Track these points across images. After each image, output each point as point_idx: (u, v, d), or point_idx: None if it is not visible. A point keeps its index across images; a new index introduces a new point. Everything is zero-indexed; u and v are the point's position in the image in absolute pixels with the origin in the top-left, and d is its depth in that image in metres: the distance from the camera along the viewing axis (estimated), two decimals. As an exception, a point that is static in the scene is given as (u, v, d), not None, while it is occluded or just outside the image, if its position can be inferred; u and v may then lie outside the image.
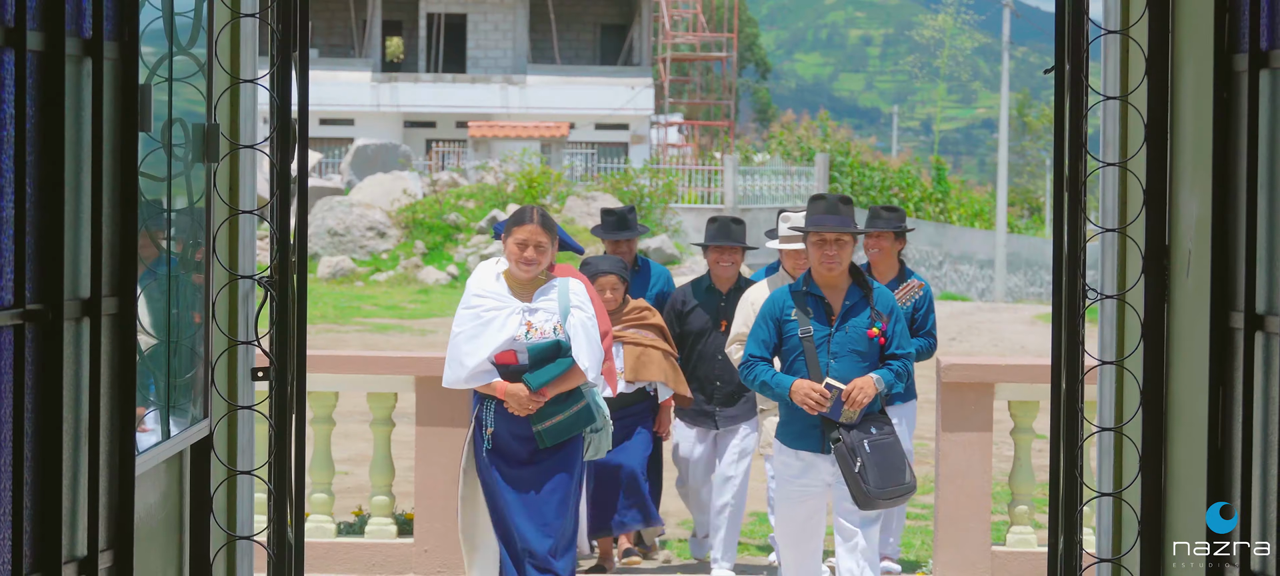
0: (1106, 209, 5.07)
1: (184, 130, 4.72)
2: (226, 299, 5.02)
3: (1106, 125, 5.06)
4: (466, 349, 6.55)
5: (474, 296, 6.62)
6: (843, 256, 6.51)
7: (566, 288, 6.65)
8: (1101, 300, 5.02)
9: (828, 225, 6.47)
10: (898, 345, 6.59)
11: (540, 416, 6.56)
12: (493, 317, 6.55)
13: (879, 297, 6.60)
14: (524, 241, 6.57)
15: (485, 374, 6.55)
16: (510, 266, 6.65)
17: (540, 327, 6.56)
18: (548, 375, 6.48)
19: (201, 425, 4.73)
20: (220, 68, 4.84)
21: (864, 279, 6.62)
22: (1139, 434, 4.80)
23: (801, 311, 6.51)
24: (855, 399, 6.38)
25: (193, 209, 4.81)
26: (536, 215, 6.66)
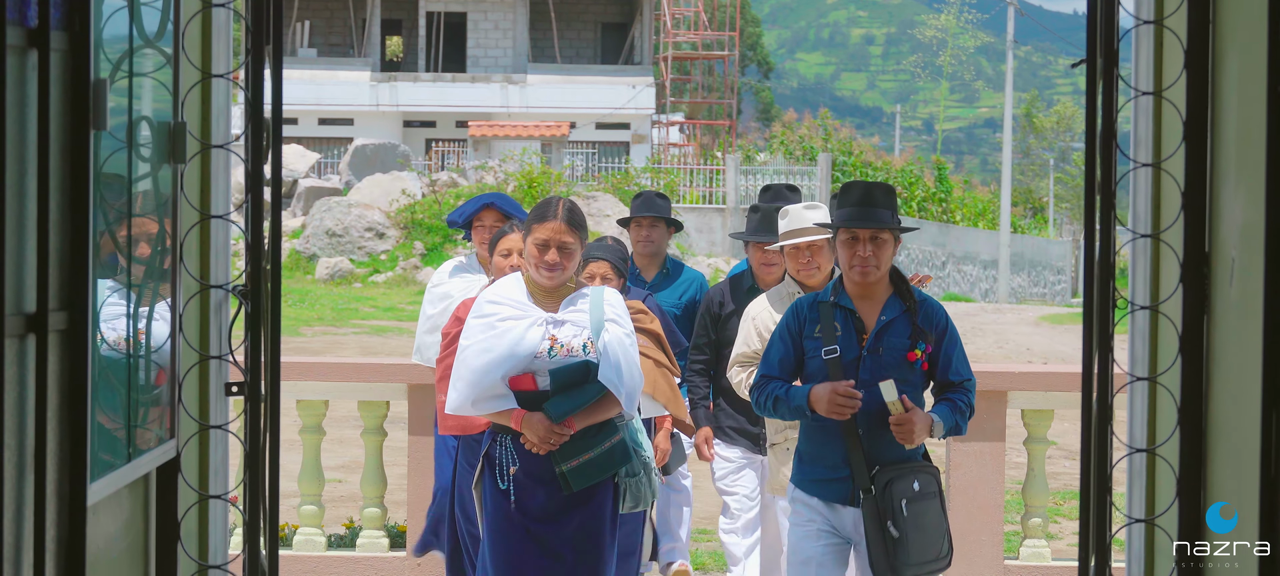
0: (1138, 213, 4.73)
1: (150, 129, 4.39)
2: (197, 310, 4.68)
3: (1138, 123, 4.72)
4: (476, 366, 5.37)
5: (487, 303, 5.49)
6: (882, 259, 5.24)
7: (600, 298, 5.51)
8: (1133, 311, 4.69)
9: (866, 220, 5.22)
10: (955, 370, 5.31)
11: (564, 454, 5.35)
12: (509, 329, 5.37)
13: (927, 312, 5.33)
14: (545, 242, 5.42)
15: (498, 398, 5.36)
16: (531, 272, 5.51)
17: (567, 344, 5.41)
18: (574, 403, 5.33)
19: (168, 446, 4.40)
20: (189, 62, 4.51)
21: (907, 287, 5.36)
22: (1175, 455, 4.46)
23: (827, 327, 5.26)
24: (906, 430, 5.11)
25: (160, 213, 4.47)
26: (562, 209, 5.47)
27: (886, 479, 5.13)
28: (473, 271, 7.37)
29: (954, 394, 5.30)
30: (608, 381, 5.35)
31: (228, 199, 4.80)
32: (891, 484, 5.11)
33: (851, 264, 5.28)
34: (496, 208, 7.30)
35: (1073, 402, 7.85)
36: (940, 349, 5.29)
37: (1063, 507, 10.97)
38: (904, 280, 5.40)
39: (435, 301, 7.33)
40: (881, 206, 5.26)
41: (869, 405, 5.15)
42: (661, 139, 46.99)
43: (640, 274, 8.03)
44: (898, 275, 5.40)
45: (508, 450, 5.45)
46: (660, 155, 42.75)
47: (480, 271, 7.27)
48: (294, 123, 44.94)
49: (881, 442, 5.18)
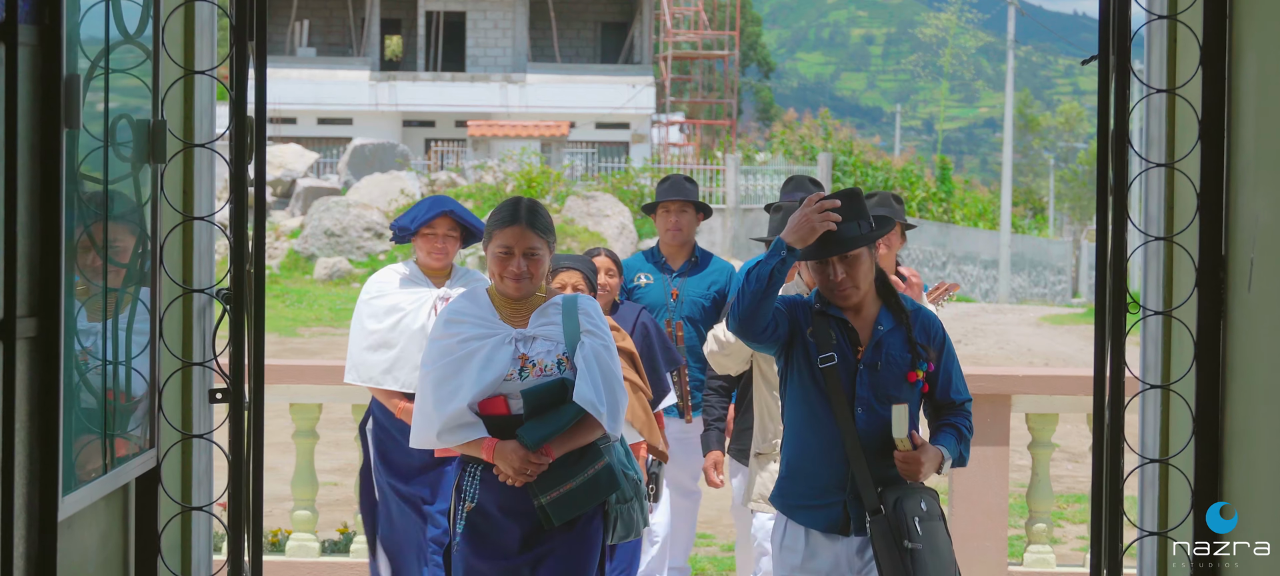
0: (1150, 215, 4.58)
1: (131, 128, 4.24)
2: (179, 315, 4.53)
3: (1150, 122, 4.57)
4: (439, 393, 4.78)
5: (447, 321, 4.90)
6: (859, 276, 4.65)
7: (574, 307, 4.94)
8: (1145, 316, 4.53)
9: (827, 248, 4.62)
10: (955, 389, 4.76)
11: (543, 485, 4.77)
12: (474, 350, 4.80)
13: (922, 323, 4.77)
14: (508, 248, 4.83)
15: (465, 428, 4.76)
16: (494, 282, 4.95)
17: (539, 362, 4.84)
18: (550, 428, 4.75)
19: (147, 456, 4.25)
20: (169, 59, 4.36)
21: (896, 298, 4.78)
22: (1189, 466, 4.30)
23: (821, 333, 4.68)
24: (913, 468, 4.58)
25: (141, 215, 4.32)
26: (525, 211, 4.90)
27: (894, 497, 4.60)
28: (420, 283, 6.64)
29: (955, 418, 4.76)
30: (584, 401, 4.75)
31: (212, 200, 4.65)
32: (901, 502, 4.58)
33: (827, 291, 4.72)
34: (453, 215, 6.62)
35: (1077, 405, 7.73)
36: (939, 365, 4.76)
37: (1066, 511, 10.83)
38: (893, 291, 4.81)
39: (380, 315, 6.53)
40: (847, 220, 4.60)
41: (869, 426, 4.64)
42: (661, 139, 46.83)
43: (667, 262, 7.62)
44: (884, 284, 4.81)
45: (476, 481, 4.86)
46: (660, 155, 42.60)
47: (426, 282, 6.62)
48: (293, 122, 44.79)
49: (882, 463, 4.65)
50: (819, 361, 4.66)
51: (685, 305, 7.50)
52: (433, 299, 6.53)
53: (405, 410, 6.41)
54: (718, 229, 35.42)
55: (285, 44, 47.68)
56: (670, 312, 7.48)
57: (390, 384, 6.52)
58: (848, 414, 4.62)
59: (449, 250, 6.63)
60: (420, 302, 6.53)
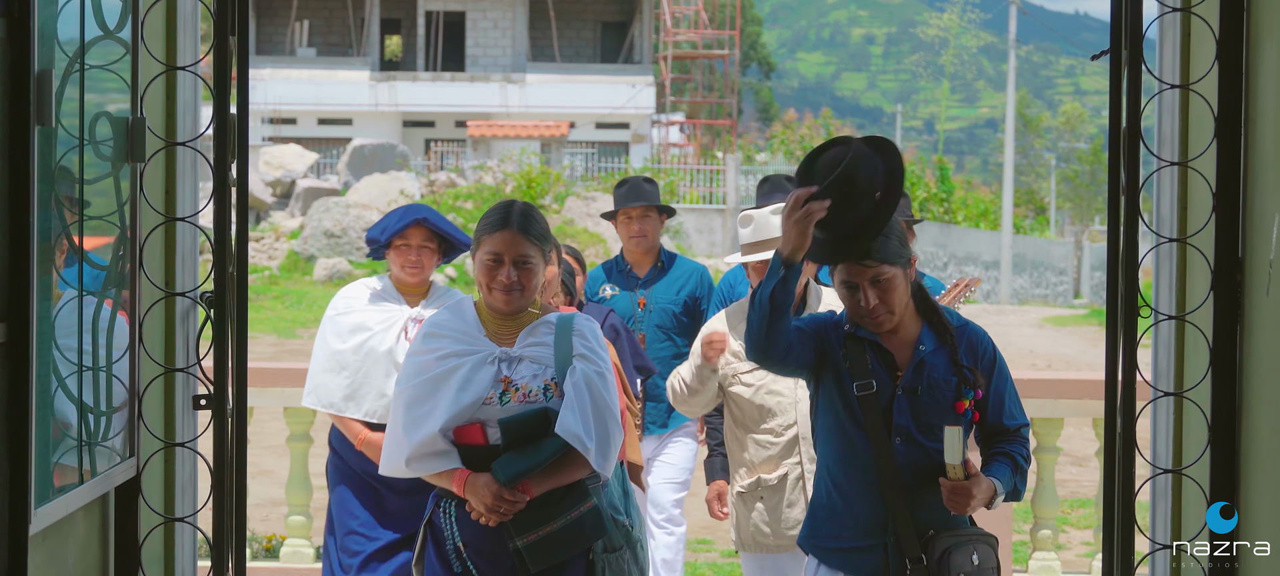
0: (1162, 215, 4.43)
1: (111, 125, 4.11)
2: (161, 319, 4.39)
3: (1163, 120, 4.42)
4: (412, 415, 4.27)
5: (426, 335, 4.39)
6: (894, 299, 4.14)
7: (568, 328, 4.38)
8: (1157, 322, 4.38)
9: (857, 261, 4.13)
10: (1008, 413, 4.21)
11: (521, 526, 4.23)
12: (452, 369, 4.28)
13: (970, 343, 4.21)
14: (497, 255, 4.30)
15: (438, 456, 4.25)
16: (482, 294, 4.41)
17: (522, 386, 4.29)
18: (528, 462, 4.21)
19: (127, 465, 4.10)
20: (149, 54, 4.22)
21: (939, 314, 4.22)
22: (1204, 476, 4.16)
23: (855, 356, 4.16)
24: (962, 498, 4.01)
25: (122, 215, 4.18)
26: (518, 215, 4.38)
27: (942, 547, 4.04)
28: (391, 298, 5.89)
29: (1010, 446, 4.19)
30: (568, 433, 4.18)
31: (195, 200, 4.51)
32: (949, 554, 4.03)
33: (857, 316, 4.19)
34: (428, 224, 5.87)
35: (1082, 410, 7.61)
36: (990, 387, 4.19)
37: (1070, 516, 10.70)
38: (934, 307, 4.23)
39: (344, 334, 5.77)
40: (872, 229, 4.11)
41: (910, 459, 4.11)
42: (661, 139, 46.70)
43: (633, 270, 7.14)
44: (924, 299, 4.24)
45: (451, 517, 4.31)
46: (660, 155, 42.46)
47: (399, 299, 5.87)
48: (293, 123, 44.69)
49: (926, 502, 4.11)
50: (855, 389, 4.13)
51: (654, 314, 7.05)
52: (403, 319, 5.80)
53: (367, 443, 5.69)
54: (718, 229, 35.30)
55: (285, 44, 47.57)
56: (638, 323, 7.02)
57: (351, 411, 5.73)
58: (886, 446, 4.09)
59: (425, 264, 5.83)
60: (389, 323, 5.79)
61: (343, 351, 5.75)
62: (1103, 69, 4.37)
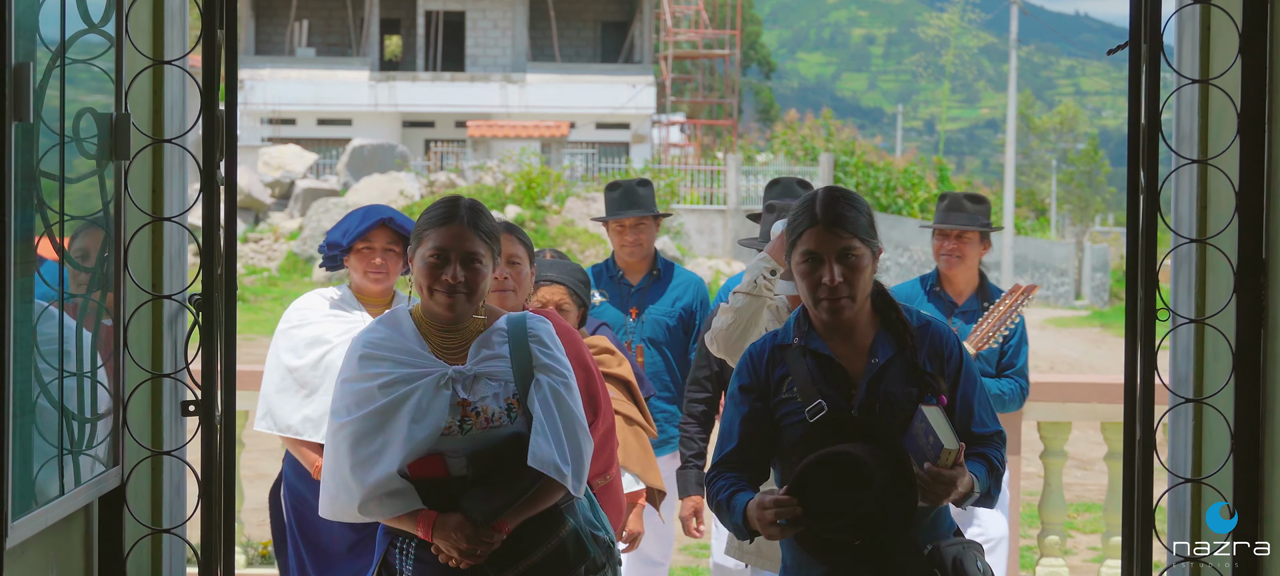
0: (1181, 215, 4.29)
1: (95, 122, 3.97)
2: (148, 322, 4.25)
3: (1181, 116, 4.28)
4: (358, 458, 3.77)
5: (362, 355, 3.85)
6: (858, 284, 3.73)
7: (521, 332, 3.92)
8: (1176, 327, 4.24)
9: (832, 224, 3.72)
10: (978, 419, 3.79)
11: (497, 564, 3.80)
12: (401, 397, 3.78)
13: (932, 345, 3.80)
14: (441, 252, 3.83)
15: (395, 498, 3.78)
16: (421, 300, 3.91)
17: (484, 409, 3.83)
18: (505, 499, 3.79)
19: (111, 474, 3.96)
20: (134, 49, 4.08)
21: (897, 312, 3.82)
22: (1224, 484, 4.01)
23: (801, 378, 3.75)
24: (944, 486, 3.59)
25: (106, 215, 4.04)
26: (465, 209, 3.91)
27: (951, 555, 3.67)
28: (351, 309, 5.35)
29: (986, 449, 3.78)
30: (544, 464, 3.76)
31: (184, 200, 4.37)
32: (961, 563, 3.66)
33: (815, 295, 3.72)
34: (393, 226, 5.31)
35: (1090, 414, 7.49)
36: (957, 393, 3.77)
37: (1077, 520, 10.59)
38: (894, 304, 3.84)
39: (299, 349, 5.20)
40: (848, 209, 3.74)
41: (876, 455, 3.61)
42: (662, 139, 46.58)
43: (625, 277, 6.65)
44: (882, 295, 3.84)
45: (409, 558, 3.85)
46: (660, 155, 42.34)
47: (360, 309, 5.34)
48: (292, 123, 44.59)
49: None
50: (807, 415, 3.71)
51: (646, 326, 6.55)
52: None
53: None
54: (719, 230, 35.17)
55: (284, 44, 47.47)
56: (629, 334, 6.52)
57: (310, 434, 5.15)
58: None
59: (390, 269, 5.29)
60: (350, 334, 5.11)
61: (299, 368, 5.17)
62: (1103, 70, 4.27)
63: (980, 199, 6.30)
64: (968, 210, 6.24)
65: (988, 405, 3.84)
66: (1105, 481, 8.23)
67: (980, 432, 3.78)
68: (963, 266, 6.28)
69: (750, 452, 3.80)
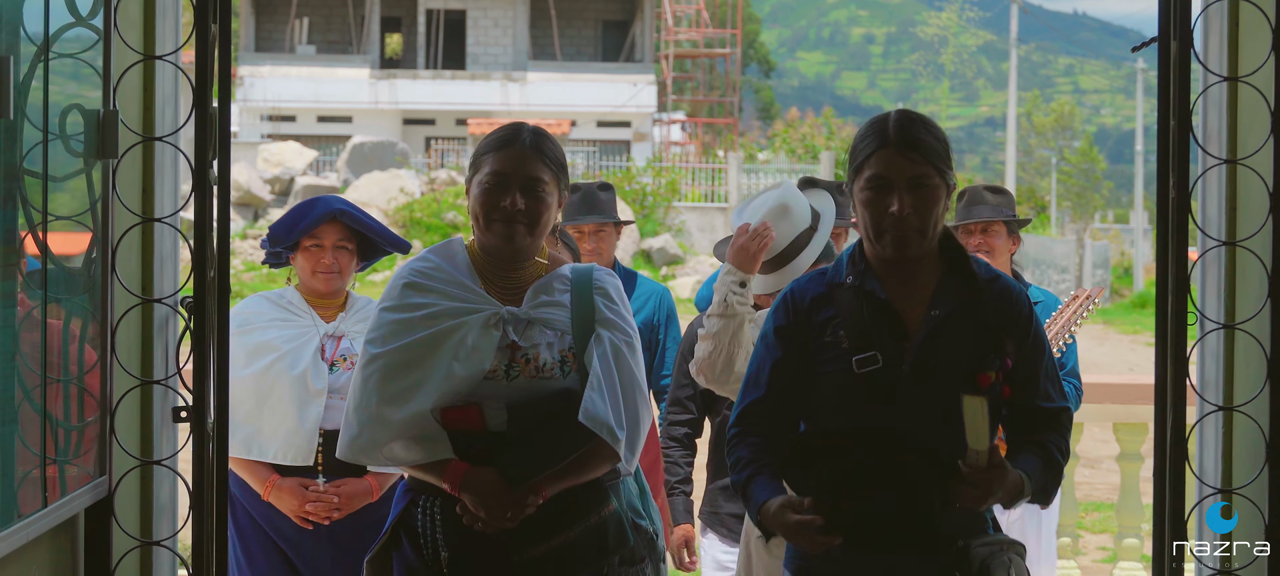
0: (1209, 217, 4.13)
1: (83, 119, 3.82)
2: (138, 327, 4.09)
3: (1208, 115, 4.12)
4: (389, 392, 3.41)
5: (409, 282, 3.53)
6: (927, 217, 3.30)
7: (588, 282, 3.55)
8: (1205, 333, 4.08)
9: (905, 146, 3.28)
10: (1043, 391, 3.36)
11: (526, 535, 3.41)
12: (445, 331, 3.43)
13: (1001, 302, 3.35)
14: (502, 176, 3.48)
15: (426, 442, 3.42)
16: (477, 231, 3.56)
17: (535, 357, 3.46)
18: (545, 458, 3.39)
19: (98, 485, 3.81)
20: (123, 43, 3.92)
21: (966, 262, 3.37)
22: (1264, 497, 3.86)
23: (852, 321, 3.30)
24: (983, 489, 3.17)
25: (94, 215, 3.89)
26: (529, 134, 3.56)
27: (978, 560, 3.21)
28: (301, 314, 4.84)
29: (1046, 435, 3.33)
30: (595, 422, 3.35)
31: (176, 199, 4.21)
32: (988, 568, 3.21)
33: (879, 226, 3.28)
34: (345, 219, 4.81)
35: (1100, 415, 7.36)
36: (1022, 357, 3.33)
37: (1085, 520, 10.47)
38: (961, 251, 3.38)
39: (242, 359, 4.72)
40: (924, 133, 3.29)
41: (920, 431, 3.22)
42: (663, 137, 46.46)
43: None
44: (951, 241, 3.39)
45: (435, 521, 3.45)
46: (661, 154, 42.22)
47: (312, 314, 4.84)
48: (292, 120, 44.52)
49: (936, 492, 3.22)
50: (855, 365, 3.27)
51: None
52: (318, 337, 4.77)
53: (279, 491, 4.65)
54: (720, 228, 35.07)
55: (285, 42, 47.36)
56: None
57: (257, 453, 4.68)
58: (890, 428, 3.26)
59: (343, 267, 4.81)
60: (302, 342, 4.74)
61: (243, 379, 4.65)
62: (1102, 69, 4.11)
63: (1002, 190, 5.98)
64: (990, 202, 5.90)
65: (1055, 377, 3.37)
66: (1115, 480, 8.11)
67: (1044, 408, 3.34)
68: (993, 263, 5.69)
69: (780, 404, 3.38)
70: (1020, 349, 3.33)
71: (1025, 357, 3.34)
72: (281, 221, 4.85)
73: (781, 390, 3.39)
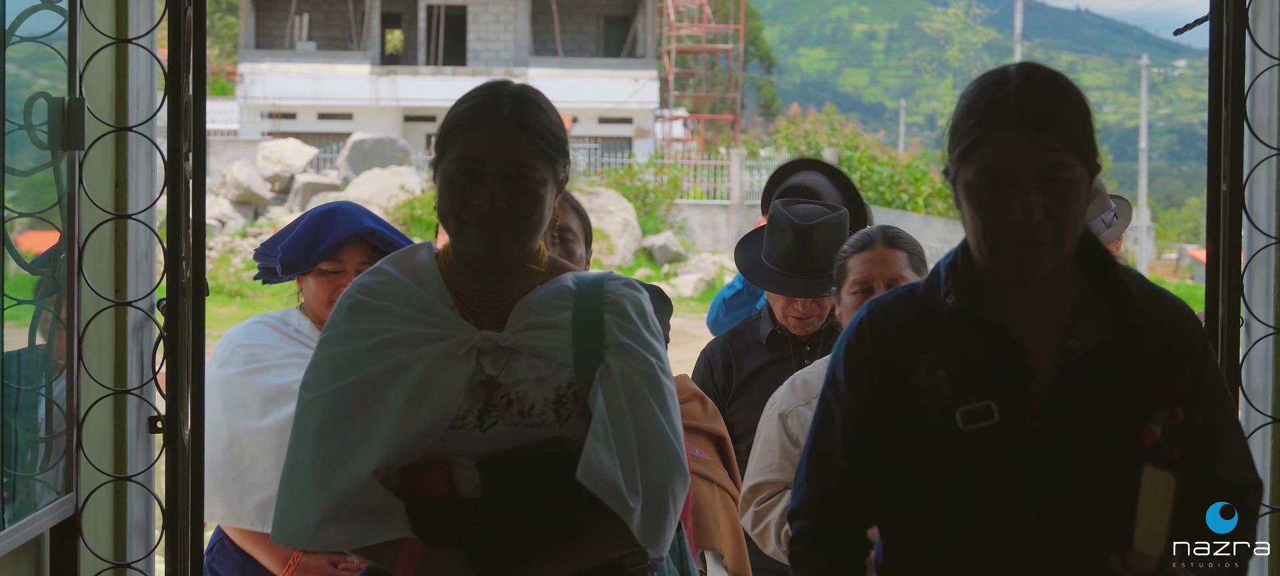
0: (1258, 212, 3.85)
1: (49, 108, 3.54)
2: (110, 331, 3.81)
3: (1258, 104, 3.84)
4: (323, 451, 2.56)
5: (353, 303, 2.68)
6: (1064, 218, 2.38)
7: (598, 297, 2.65)
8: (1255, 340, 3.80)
9: (1030, 123, 2.35)
10: (1225, 458, 2.46)
11: None
12: (399, 365, 2.59)
13: (1162, 322, 2.47)
14: (473, 163, 2.64)
15: (370, 517, 2.52)
16: (450, 240, 2.72)
17: (519, 398, 2.60)
18: (526, 538, 2.55)
19: (63, 502, 3.53)
20: (93, 27, 3.64)
21: (1116, 277, 2.47)
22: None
23: (955, 359, 2.42)
24: None
25: (62, 210, 3.61)
26: (508, 99, 2.69)
27: None
28: (305, 344, 4.04)
29: (1238, 503, 2.45)
30: (598, 480, 2.48)
31: (150, 195, 3.93)
32: None
33: (998, 234, 2.37)
34: (375, 241, 4.05)
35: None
36: (1197, 406, 2.43)
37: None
38: (1108, 260, 2.47)
39: (257, 407, 3.94)
40: (1061, 102, 2.37)
41: (1060, 530, 2.38)
42: (665, 134, 46.24)
43: None
44: (1094, 247, 2.48)
45: None
46: (663, 150, 42.00)
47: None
48: (293, 117, 44.33)
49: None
50: (959, 419, 2.36)
51: None
52: None
53: (306, 570, 3.83)
54: (722, 225, 34.82)
55: (285, 38, 47.16)
56: None
57: (260, 525, 3.84)
58: (1016, 512, 2.38)
59: None
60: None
61: (260, 433, 3.88)
62: (1104, 66, 3.83)
63: None
64: None
65: (1241, 436, 2.50)
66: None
67: (1226, 481, 2.44)
68: None
69: (863, 495, 2.46)
70: (1195, 394, 2.42)
71: (1202, 406, 2.43)
72: (295, 238, 4.07)
73: (863, 474, 2.48)
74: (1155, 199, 64.24)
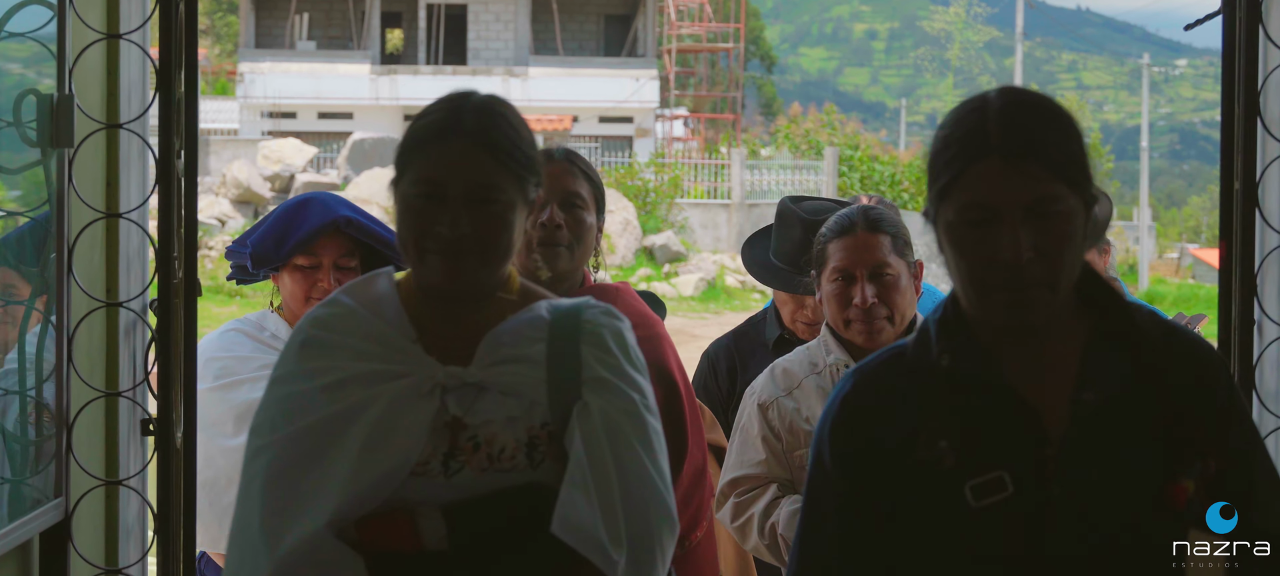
0: (1270, 211, 3.78)
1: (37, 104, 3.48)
2: (101, 332, 3.74)
3: (1271, 99, 3.77)
4: (274, 501, 2.33)
5: (306, 346, 2.44)
6: (1060, 261, 2.11)
7: (573, 325, 2.44)
8: (1263, 339, 3.73)
9: (1017, 152, 2.10)
10: (1264, 507, 2.17)
11: None
12: (357, 406, 2.37)
13: (1185, 366, 2.20)
14: (434, 186, 2.43)
15: (326, 574, 2.28)
16: (411, 269, 2.49)
17: (487, 440, 2.38)
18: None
19: (52, 507, 3.46)
20: (83, 22, 3.57)
21: (1126, 316, 2.20)
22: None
23: (957, 425, 2.16)
24: None
25: (54, 210, 3.54)
26: (471, 113, 2.44)
27: None
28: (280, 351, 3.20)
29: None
30: (575, 532, 2.28)
31: (142, 193, 3.86)
32: None
33: (986, 281, 2.14)
34: (351, 230, 3.87)
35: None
36: (1230, 457, 2.17)
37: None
38: (1115, 298, 2.23)
39: (234, 425, 3.83)
40: (1043, 128, 2.13)
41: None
42: (665, 133, 46.18)
43: None
44: (1097, 283, 2.24)
45: None
46: (664, 149, 41.95)
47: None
48: (293, 117, 44.28)
49: None
50: (969, 494, 2.11)
51: None
52: None
53: None
54: (723, 224, 34.75)
55: (285, 38, 47.11)
56: None
57: None
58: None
59: None
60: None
61: (230, 452, 3.73)
62: (1105, 65, 3.75)
63: None
64: None
65: (1278, 482, 2.20)
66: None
67: (1268, 533, 2.16)
68: None
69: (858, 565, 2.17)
70: (1224, 442, 2.12)
71: (1234, 456, 2.12)
72: (266, 230, 3.87)
73: (862, 556, 2.20)
74: (1156, 198, 64.26)
